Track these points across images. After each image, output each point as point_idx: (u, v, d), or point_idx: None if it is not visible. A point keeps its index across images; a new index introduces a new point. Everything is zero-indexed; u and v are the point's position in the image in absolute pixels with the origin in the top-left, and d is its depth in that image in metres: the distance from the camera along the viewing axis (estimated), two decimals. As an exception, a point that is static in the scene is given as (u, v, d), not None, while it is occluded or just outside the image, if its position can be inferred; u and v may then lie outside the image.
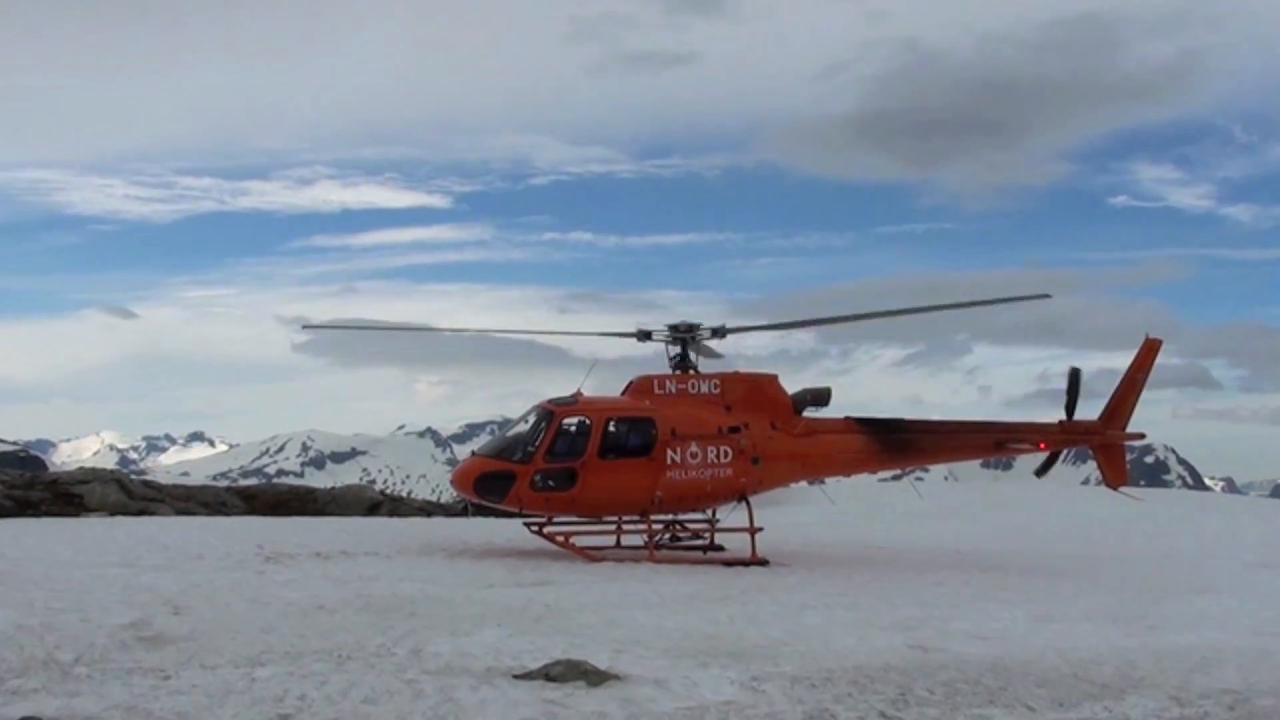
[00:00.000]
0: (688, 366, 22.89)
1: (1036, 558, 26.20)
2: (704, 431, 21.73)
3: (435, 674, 10.30)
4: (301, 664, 10.54)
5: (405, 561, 19.74)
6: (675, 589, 17.09)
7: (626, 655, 11.54)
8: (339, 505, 37.01)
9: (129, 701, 8.90)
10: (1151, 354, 24.69)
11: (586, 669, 10.33)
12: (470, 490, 21.72)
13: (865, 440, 23.27)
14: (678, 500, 21.92)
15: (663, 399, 22.13)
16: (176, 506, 32.00)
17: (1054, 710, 9.88)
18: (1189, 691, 10.69)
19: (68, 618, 12.29)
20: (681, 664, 11.22)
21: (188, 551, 19.92)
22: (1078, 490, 55.68)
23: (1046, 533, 35.16)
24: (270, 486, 42.04)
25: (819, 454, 23.10)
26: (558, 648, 11.69)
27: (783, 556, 22.40)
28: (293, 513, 34.68)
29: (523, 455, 21.32)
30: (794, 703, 9.74)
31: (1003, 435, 24.15)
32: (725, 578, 18.99)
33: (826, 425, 23.15)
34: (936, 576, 20.46)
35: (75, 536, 22.11)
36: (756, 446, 22.05)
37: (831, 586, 18.21)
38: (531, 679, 10.17)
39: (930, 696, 10.18)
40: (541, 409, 21.82)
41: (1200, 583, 21.52)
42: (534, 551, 21.84)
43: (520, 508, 21.52)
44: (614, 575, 18.72)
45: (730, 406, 22.28)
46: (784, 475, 23.26)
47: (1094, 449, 24.59)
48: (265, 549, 20.82)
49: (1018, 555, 26.85)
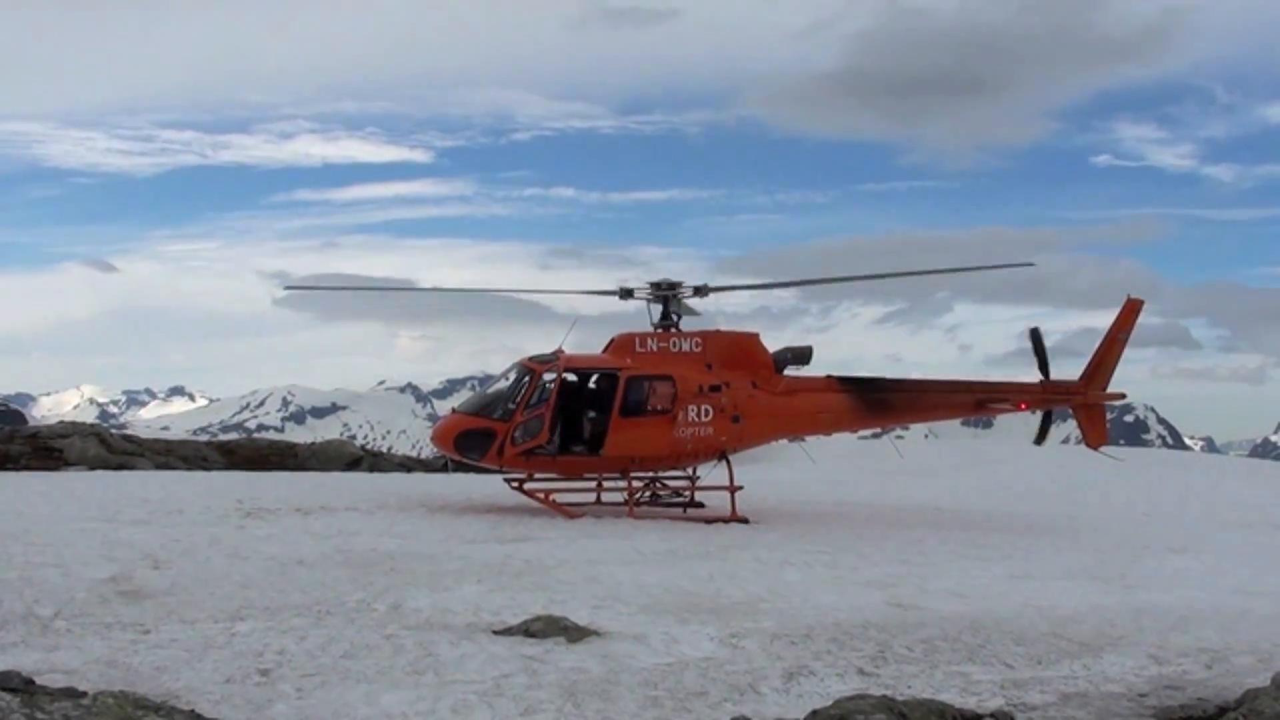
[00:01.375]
0: (670, 325, 22.87)
1: (1016, 516, 26.35)
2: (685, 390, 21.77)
3: (415, 629, 10.33)
4: (281, 619, 10.55)
5: (385, 517, 19.74)
6: (655, 546, 17.14)
7: (606, 611, 11.59)
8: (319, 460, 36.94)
9: (108, 655, 8.91)
10: (1133, 314, 24.75)
11: (566, 625, 10.36)
12: (450, 447, 21.72)
13: (846, 399, 23.30)
14: (657, 458, 22.04)
15: (644, 356, 22.12)
16: (156, 461, 31.91)
17: (1032, 668, 9.95)
18: (1167, 650, 10.78)
19: (47, 572, 12.27)
20: (661, 620, 11.27)
21: (167, 506, 19.87)
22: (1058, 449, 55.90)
23: (1026, 491, 35.35)
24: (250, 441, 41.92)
25: (800, 412, 23.13)
26: (537, 603, 11.73)
27: (763, 514, 22.47)
28: (273, 468, 34.63)
29: (503, 413, 21.33)
30: (773, 659, 9.80)
31: (984, 394, 24.21)
32: (705, 535, 19.05)
33: (808, 384, 23.18)
34: (916, 534, 20.56)
35: (54, 490, 22.06)
36: (737, 405, 22.08)
37: (811, 544, 18.26)
38: (511, 634, 10.20)
39: (909, 654, 10.24)
40: (522, 366, 21.81)
41: (1179, 542, 21.68)
42: (514, 508, 21.86)
43: (500, 465, 21.54)
44: (594, 532, 18.76)
45: (711, 365, 22.28)
46: (764, 433, 23.27)
47: (1075, 409, 24.66)
48: (245, 504, 20.78)
49: (997, 514, 26.99)
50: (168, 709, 7.26)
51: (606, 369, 22.04)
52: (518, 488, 22.19)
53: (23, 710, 6.67)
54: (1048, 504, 30.63)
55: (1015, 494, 34.38)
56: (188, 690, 8.10)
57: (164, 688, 8.11)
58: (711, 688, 8.87)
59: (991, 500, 31.41)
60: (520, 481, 22.14)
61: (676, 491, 24.21)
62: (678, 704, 8.42)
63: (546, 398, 21.31)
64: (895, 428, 34.67)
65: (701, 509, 23.06)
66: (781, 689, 8.96)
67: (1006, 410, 24.73)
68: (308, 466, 36.01)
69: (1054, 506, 29.97)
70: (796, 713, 8.08)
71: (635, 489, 22.56)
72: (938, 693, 8.87)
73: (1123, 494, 34.76)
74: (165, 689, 8.09)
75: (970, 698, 8.85)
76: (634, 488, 22.39)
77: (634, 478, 22.41)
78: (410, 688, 8.45)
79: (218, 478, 28.00)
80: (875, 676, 9.44)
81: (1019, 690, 9.19)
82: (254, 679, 8.48)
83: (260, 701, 7.97)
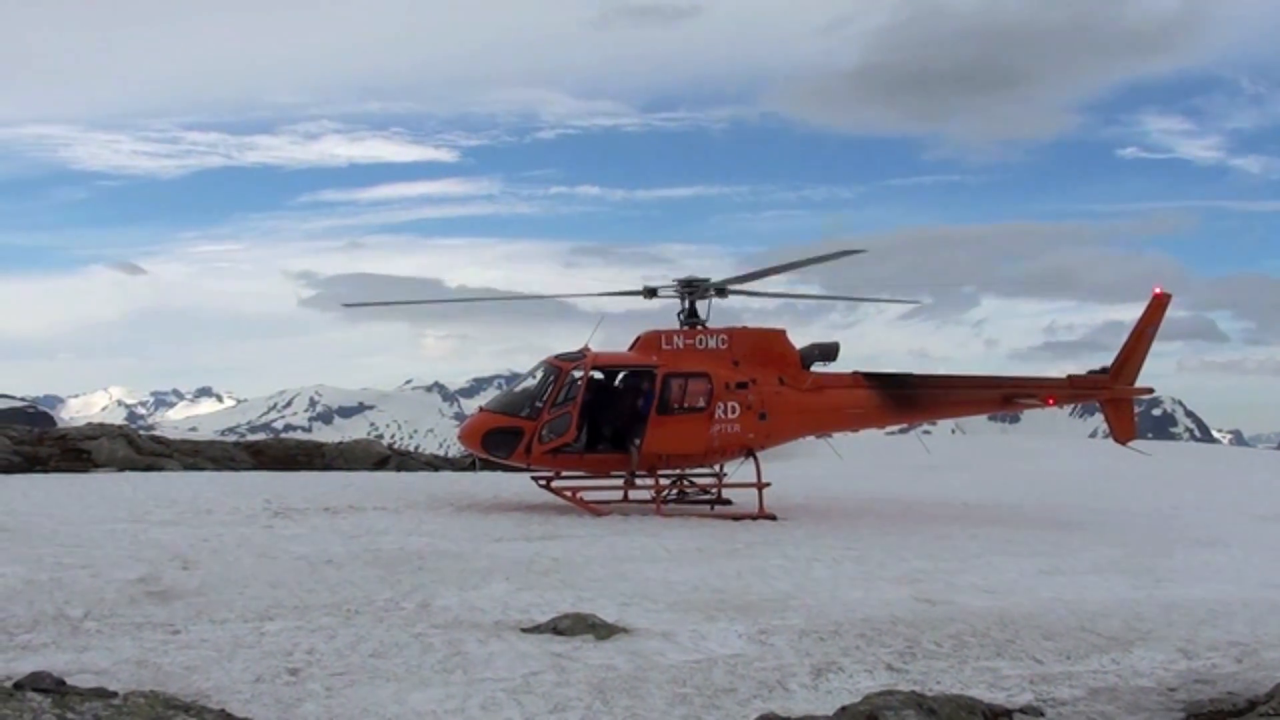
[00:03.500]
0: (696, 322, 22.84)
1: (1044, 511, 26.21)
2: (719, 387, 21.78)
3: (443, 628, 10.35)
4: (310, 618, 10.59)
5: (413, 515, 19.78)
6: (683, 543, 17.13)
7: (634, 608, 11.59)
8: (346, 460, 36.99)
9: (139, 656, 8.95)
10: (1160, 308, 24.57)
11: (594, 622, 10.37)
12: (478, 445, 21.76)
13: (873, 395, 23.24)
14: (685, 455, 22.03)
15: (673, 354, 22.11)
16: (184, 462, 32.03)
17: (1061, 663, 9.91)
18: (1197, 644, 10.72)
19: (77, 573, 12.35)
20: (689, 617, 11.26)
21: (196, 506, 19.96)
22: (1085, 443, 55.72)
23: (1054, 486, 35.15)
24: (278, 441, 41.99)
25: (827, 409, 23.08)
26: (566, 601, 11.74)
27: (790, 511, 22.43)
28: (300, 467, 34.69)
29: (530, 411, 21.34)
30: (801, 655, 9.78)
31: (1011, 389, 24.08)
32: (733, 532, 19.03)
33: (834, 380, 23.13)
34: (944, 530, 20.49)
35: (84, 492, 22.17)
36: (764, 402, 22.05)
37: (839, 540, 18.23)
38: (540, 632, 10.22)
39: (938, 649, 10.21)
40: (548, 364, 21.82)
41: (1208, 535, 21.54)
42: (541, 505, 21.88)
43: (527, 463, 21.56)
44: (621, 529, 18.76)
45: (738, 361, 22.26)
46: (791, 430, 23.23)
47: (1103, 403, 24.53)
48: (273, 504, 20.85)
49: (1025, 508, 26.86)
50: (198, 709, 7.30)
51: (640, 367, 22.03)
52: (545, 485, 22.21)
53: (54, 711, 6.71)
54: (1076, 498, 30.43)
55: (1043, 489, 34.18)
56: (217, 690, 8.14)
57: (194, 687, 8.15)
58: (740, 684, 8.86)
59: (1019, 495, 31.24)
60: (548, 479, 22.16)
61: (704, 489, 24.20)
62: (706, 701, 8.41)
63: (574, 396, 21.31)
64: (922, 424, 34.53)
65: (729, 506, 23.05)
66: (810, 685, 8.95)
67: (1034, 405, 24.62)
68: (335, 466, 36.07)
69: (1082, 501, 29.78)
70: (825, 709, 8.07)
71: (662, 486, 22.55)
72: (966, 688, 8.85)
73: (1151, 488, 34.54)
74: (195, 689, 8.13)
75: (999, 693, 8.82)
76: (661, 485, 22.38)
77: (661, 475, 22.40)
78: (439, 686, 8.47)
79: (246, 478, 28.10)
80: (904, 672, 9.41)
81: (1048, 685, 9.15)
82: (283, 678, 8.51)
83: (290, 701, 8.00)
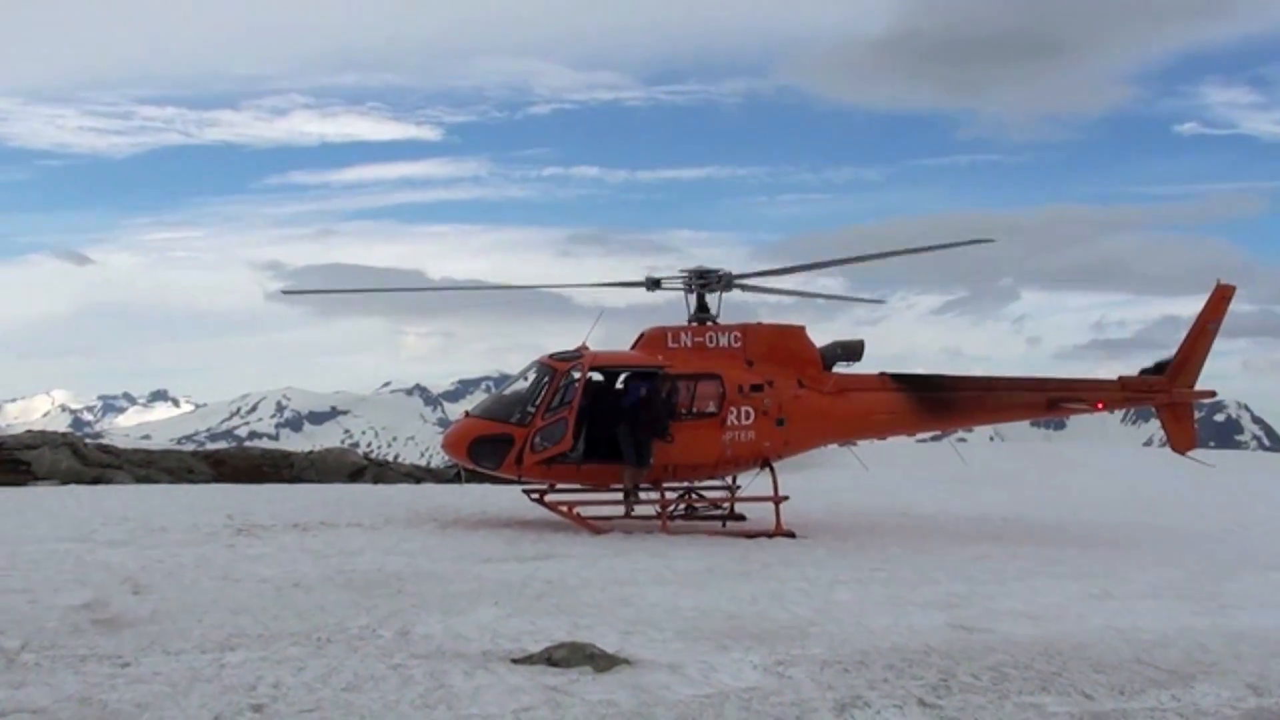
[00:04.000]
0: (705, 318, 22.81)
1: (1094, 528, 26.19)
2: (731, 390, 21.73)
3: (425, 658, 10.32)
4: (276, 648, 10.55)
5: (392, 533, 19.77)
6: (691, 564, 17.11)
7: (637, 637, 11.55)
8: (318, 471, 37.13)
9: (83, 692, 8.91)
10: (1223, 302, 24.50)
11: (593, 652, 10.34)
12: (464, 455, 21.73)
13: (902, 398, 23.20)
14: (694, 465, 21.96)
15: (680, 353, 22.07)
16: (136, 474, 32.11)
17: (1114, 699, 9.86)
18: (1268, 679, 10.66)
19: (14, 599, 12.32)
20: (698, 646, 11.22)
21: (149, 524, 19.95)
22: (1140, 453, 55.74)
23: (1105, 500, 35.15)
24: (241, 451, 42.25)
25: (851, 414, 23.04)
26: (561, 629, 11.71)
27: (810, 527, 22.41)
28: (266, 479, 34.80)
29: (521, 416, 21.31)
30: (823, 689, 9.74)
31: (1056, 392, 24.02)
32: (747, 551, 19.00)
33: (859, 382, 23.09)
34: (981, 549, 20.46)
35: (22, 507, 22.18)
36: (781, 406, 22.01)
37: (865, 560, 18.21)
38: (532, 663, 10.18)
39: (975, 682, 10.17)
40: (542, 364, 21.79)
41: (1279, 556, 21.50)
42: (534, 522, 21.87)
43: (519, 474, 21.52)
44: (623, 549, 18.75)
45: (752, 361, 22.22)
46: (812, 437, 23.22)
47: (1159, 408, 24.46)
48: (236, 520, 20.86)
49: (1073, 525, 26.83)
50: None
51: (643, 367, 21.99)
52: (538, 500, 22.18)
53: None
54: (1129, 514, 30.43)
55: (1092, 503, 34.17)
56: (172, 728, 8.10)
57: (146, 725, 8.11)
58: (755, 722, 8.82)
59: (1065, 510, 31.22)
60: (541, 493, 22.13)
61: (714, 503, 24.18)
62: (718, 741, 8.37)
63: (570, 400, 21.27)
64: (957, 430, 34.47)
65: (742, 522, 23.03)
66: (834, 723, 8.91)
67: (1081, 410, 24.55)
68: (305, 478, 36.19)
69: (1136, 517, 29.78)
70: (851, 750, 8.03)
71: (669, 501, 22.52)
72: (1009, 727, 8.80)
73: (1214, 502, 34.52)
74: (148, 727, 8.08)
75: (1046, 732, 8.78)
76: (668, 499, 22.34)
77: (668, 488, 22.37)
78: (419, 724, 8.43)
79: (205, 491, 28.12)
80: (938, 708, 9.37)
81: (1101, 724, 9.10)
82: (246, 715, 8.47)
83: (253, 740, 7.96)
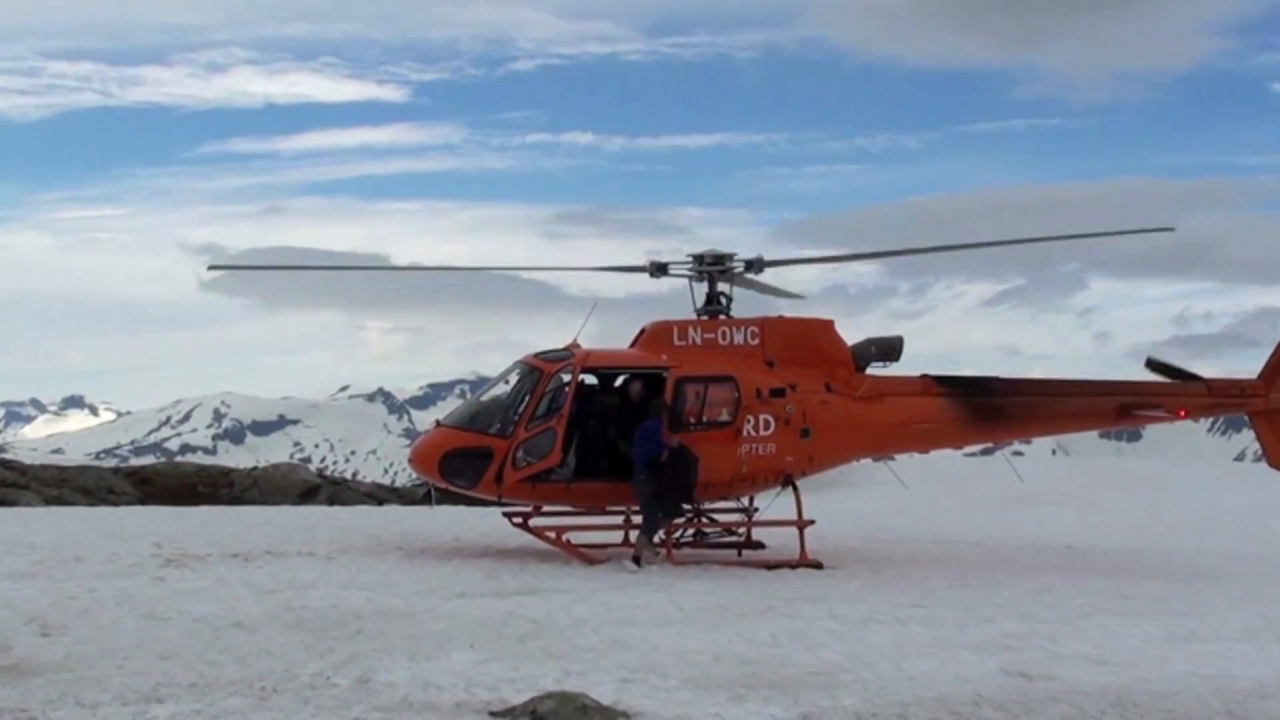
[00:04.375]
0: (717, 310, 22.80)
1: (1175, 556, 26.22)
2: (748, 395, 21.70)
3: (388, 710, 10.32)
4: (212, 699, 10.55)
5: (349, 564, 19.79)
6: (701, 599, 17.13)
7: (638, 685, 11.55)
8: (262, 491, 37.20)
9: (-16, 750, 8.92)
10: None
11: (585, 704, 10.34)
12: (434, 471, 21.72)
13: (948, 405, 23.16)
14: (703, 485, 21.91)
15: (689, 352, 22.04)
16: (46, 494, 32.16)
17: (1200, 757, 9.85)
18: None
19: (-95, 640, 12.31)
20: (710, 696, 11.22)
21: (61, 553, 19.97)
22: (1229, 468, 55.79)
23: (1188, 524, 35.18)
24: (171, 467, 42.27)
25: (888, 423, 23.00)
26: (548, 676, 11.71)
27: (841, 557, 22.43)
28: (202, 501, 34.82)
29: (502, 426, 21.30)
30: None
31: (1130, 398, 23.97)
32: (766, 584, 19.03)
33: (898, 385, 23.06)
34: (1042, 581, 20.47)
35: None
36: (806, 414, 21.98)
37: (904, 595, 18.22)
38: (514, 716, 10.18)
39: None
40: (527, 365, 21.78)
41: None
42: (517, 551, 21.89)
43: (498, 494, 21.51)
44: (621, 582, 18.79)
45: (773, 361, 22.21)
46: (842, 451, 23.19)
47: (1252, 416, 24.41)
48: (165, 549, 20.87)
49: (1150, 553, 26.86)
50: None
51: (645, 368, 21.98)
52: (521, 524, 22.18)
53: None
54: (1218, 540, 30.47)
55: (1173, 527, 34.22)
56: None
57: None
58: (777, 786, 8.81)
59: (1141, 536, 31.26)
60: (525, 516, 22.12)
61: (728, 529, 24.17)
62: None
63: (559, 407, 21.26)
64: (1012, 443, 34.49)
65: (761, 551, 23.03)
66: (869, 787, 8.90)
67: (1160, 419, 24.47)
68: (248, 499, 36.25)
69: (1226, 543, 29.80)
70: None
71: (675, 525, 22.50)
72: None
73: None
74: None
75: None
76: (674, 524, 22.32)
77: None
78: (381, 788, 8.43)
79: (128, 515, 28.14)
80: (993, 770, 9.36)
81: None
82: (177, 778, 8.47)
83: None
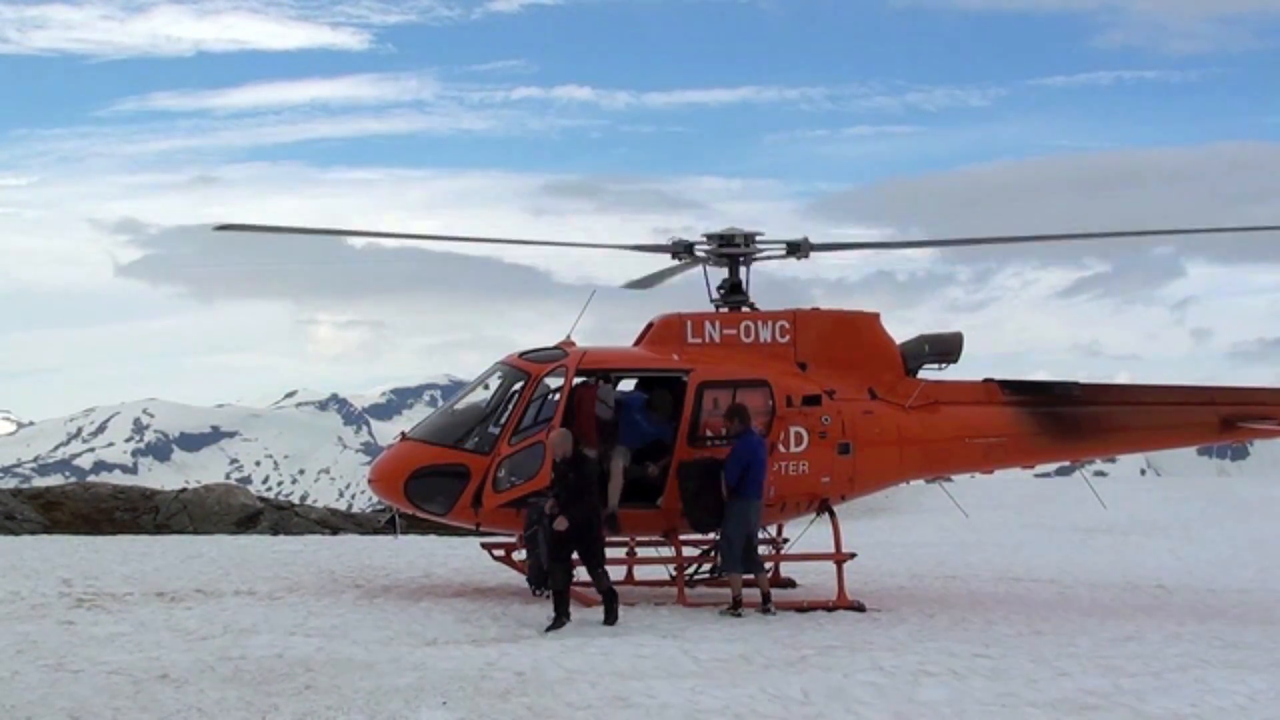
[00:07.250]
0: (740, 300, 22.80)
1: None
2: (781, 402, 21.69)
3: (343, 781, 10.33)
4: (134, 766, 10.57)
5: (298, 605, 19.82)
6: (718, 647, 17.14)
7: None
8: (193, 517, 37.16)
9: None
10: None
11: (580, 774, 10.36)
12: (399, 494, 21.70)
13: (1016, 415, 23.19)
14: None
15: (706, 351, 22.04)
16: (-64, 520, 32.15)
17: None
18: None
19: None
20: (730, 765, 11.24)
21: (-45, 590, 20.00)
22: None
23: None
24: (84, 488, 42.16)
25: (943, 437, 23.03)
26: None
27: (886, 597, 22.46)
28: (121, 529, 34.82)
29: (481, 441, 21.30)
30: (906, 826, 9.76)
31: (1234, 408, 23.99)
32: (797, 630, 19.06)
33: (956, 392, 23.10)
34: (1129, 627, 20.50)
35: None
36: (846, 426, 21.99)
37: (962, 643, 18.25)
38: (494, 789, 10.20)
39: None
40: (510, 367, 21.80)
41: None
42: (498, 589, 21.91)
43: (475, 521, 21.51)
44: (623, 627, 18.81)
45: (806, 363, 22.22)
46: (889, 470, 23.21)
47: (1382, 430, 24.43)
48: (75, 586, 20.89)
49: (1259, 593, 26.86)
50: None
51: (656, 370, 21.98)
52: (503, 558, 22.19)
53: None
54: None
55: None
56: None
57: None
58: None
59: (1248, 571, 31.26)
60: (508, 548, 22.13)
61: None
62: None
63: (549, 417, 21.25)
64: (1093, 461, 34.49)
65: (791, 590, 23.04)
66: None
67: (1270, 432, 24.51)
68: (175, 526, 36.22)
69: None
70: None
71: (688, 559, 22.50)
72: None
73: None
74: None
75: None
76: (686, 557, 22.31)
77: (687, 542, 22.33)
78: None
79: (31, 545, 28.17)
80: None
81: None
82: None
83: None
